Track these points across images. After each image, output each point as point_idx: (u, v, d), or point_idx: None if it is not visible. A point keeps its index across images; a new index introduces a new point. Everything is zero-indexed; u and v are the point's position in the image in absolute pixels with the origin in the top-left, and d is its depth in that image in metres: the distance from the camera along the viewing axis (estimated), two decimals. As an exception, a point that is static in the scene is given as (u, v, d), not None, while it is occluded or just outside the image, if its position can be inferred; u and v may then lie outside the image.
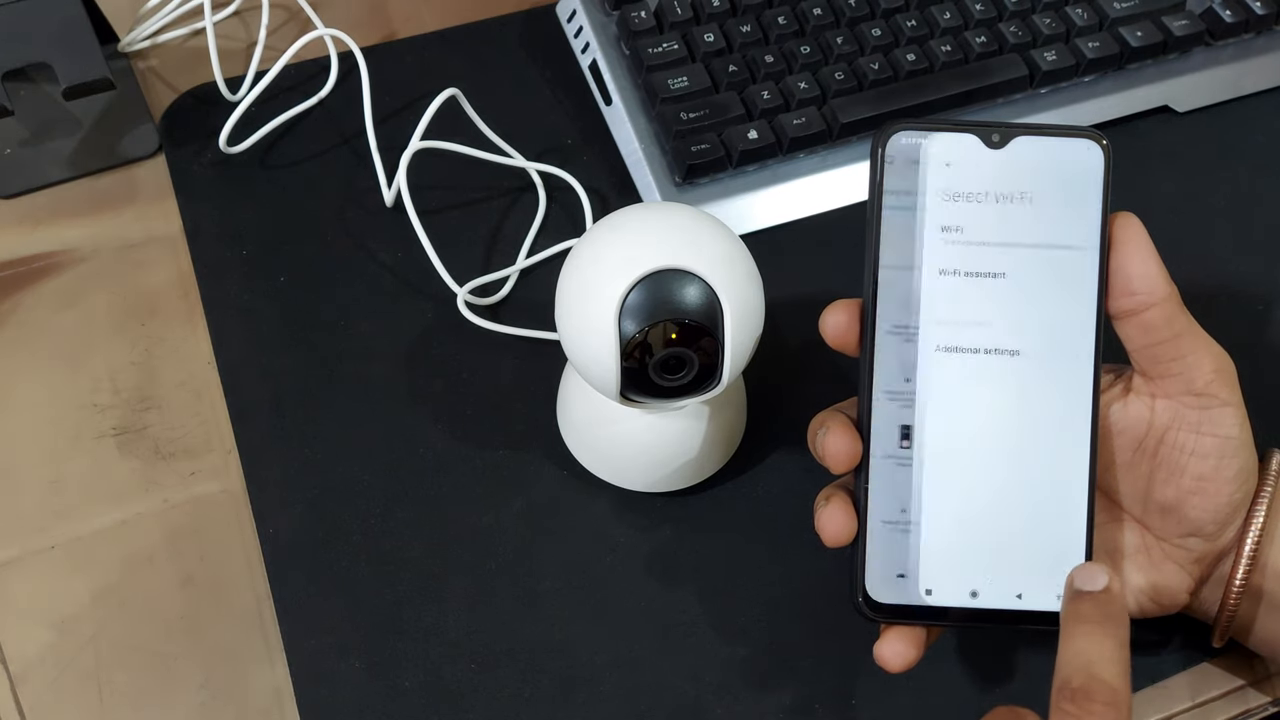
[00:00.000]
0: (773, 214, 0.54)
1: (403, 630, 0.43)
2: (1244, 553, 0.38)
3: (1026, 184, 0.37)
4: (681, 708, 0.42)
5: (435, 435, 0.47)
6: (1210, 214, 0.56)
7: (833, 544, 0.37)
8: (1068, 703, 0.31)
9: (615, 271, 0.39)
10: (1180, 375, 0.37)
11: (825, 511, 0.37)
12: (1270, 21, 0.60)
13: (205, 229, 0.53)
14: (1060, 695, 0.31)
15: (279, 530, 0.45)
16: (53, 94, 0.55)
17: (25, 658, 0.42)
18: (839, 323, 0.37)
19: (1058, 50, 0.57)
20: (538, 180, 0.55)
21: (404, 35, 0.61)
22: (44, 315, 0.50)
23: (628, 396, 0.40)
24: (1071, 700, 0.31)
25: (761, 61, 0.55)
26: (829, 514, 0.37)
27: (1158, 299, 0.37)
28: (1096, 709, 0.30)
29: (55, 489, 0.46)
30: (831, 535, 0.37)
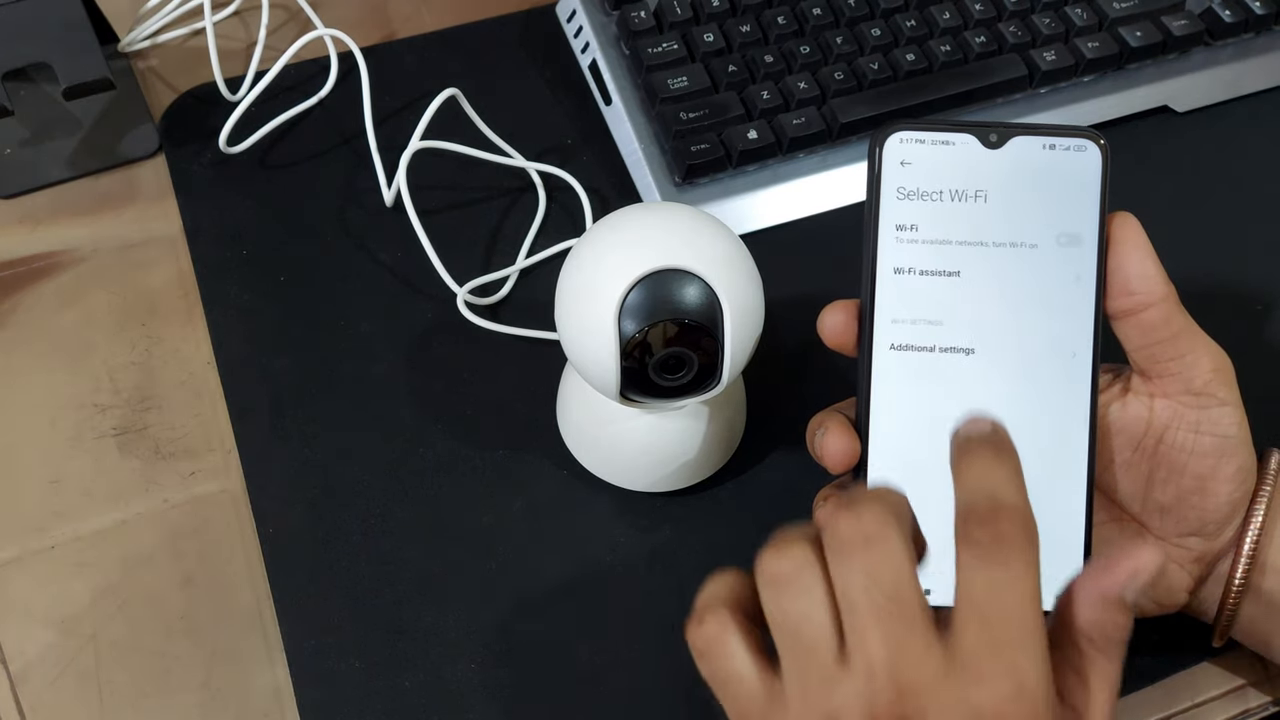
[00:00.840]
0: (773, 214, 0.54)
1: (403, 630, 0.43)
2: (1243, 552, 0.38)
3: (1024, 184, 0.37)
4: (681, 708, 0.42)
5: (435, 435, 0.47)
6: (1210, 214, 0.56)
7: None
8: (977, 528, 0.29)
9: (615, 271, 0.39)
10: (1179, 375, 0.37)
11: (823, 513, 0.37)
12: (1270, 21, 0.60)
13: (205, 229, 0.53)
14: (967, 523, 0.29)
15: (279, 530, 0.45)
16: (53, 94, 0.55)
17: (25, 658, 0.42)
18: (837, 323, 0.37)
19: (1057, 50, 0.57)
20: (538, 180, 0.55)
21: (404, 35, 0.61)
22: (44, 315, 0.50)
23: (628, 396, 0.40)
24: (981, 525, 0.29)
25: (761, 61, 0.55)
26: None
27: (1156, 299, 0.37)
28: (1005, 528, 0.29)
29: (55, 489, 0.46)
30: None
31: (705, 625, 0.32)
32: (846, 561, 0.30)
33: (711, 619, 0.32)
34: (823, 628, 0.30)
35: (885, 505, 0.30)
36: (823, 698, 0.30)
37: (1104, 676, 0.31)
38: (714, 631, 0.31)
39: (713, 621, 0.32)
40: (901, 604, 0.29)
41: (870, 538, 0.29)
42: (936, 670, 0.29)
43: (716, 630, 0.31)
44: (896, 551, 0.29)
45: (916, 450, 0.37)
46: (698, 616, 0.32)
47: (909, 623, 0.29)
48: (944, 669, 0.29)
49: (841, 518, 0.30)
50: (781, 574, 0.30)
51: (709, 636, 0.32)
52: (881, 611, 0.29)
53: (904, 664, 0.29)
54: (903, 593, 0.29)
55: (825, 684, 0.30)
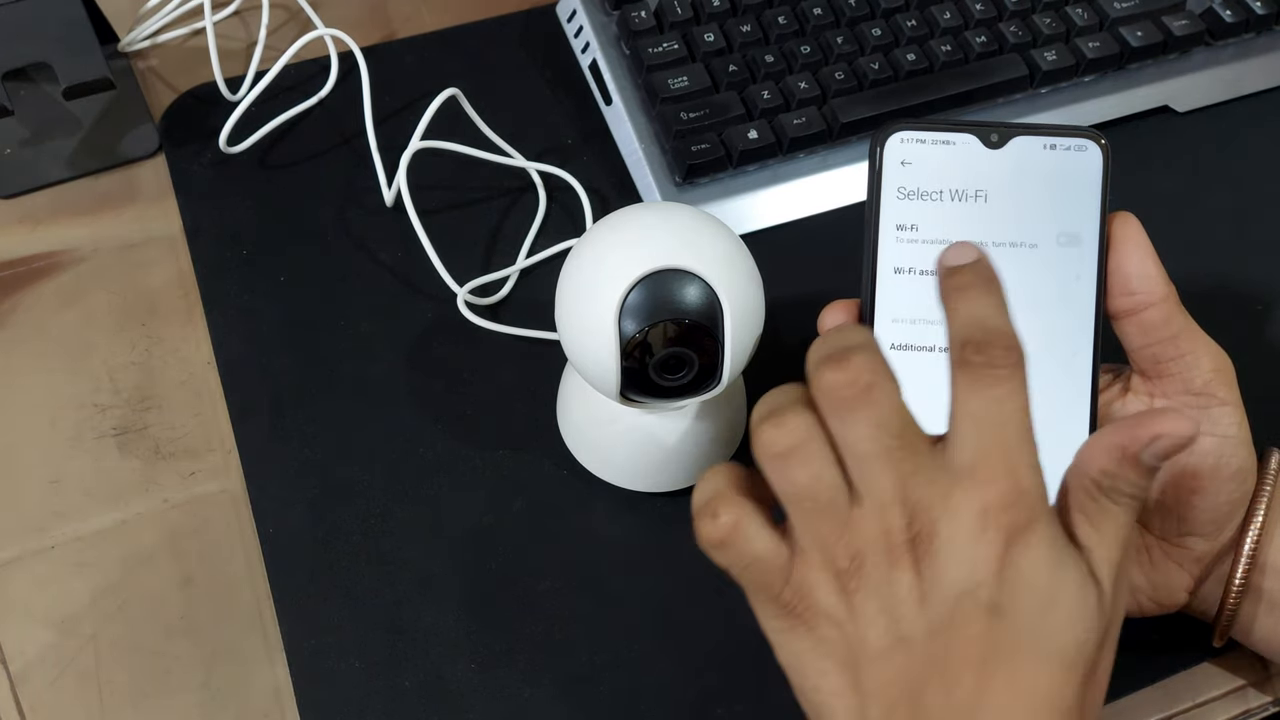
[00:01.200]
0: (773, 214, 0.54)
1: (403, 630, 0.43)
2: (1243, 552, 0.38)
3: (1025, 184, 0.37)
4: (681, 708, 0.42)
5: (435, 435, 0.47)
6: (1210, 214, 0.56)
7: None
8: (974, 354, 0.31)
9: (615, 271, 0.39)
10: (1179, 375, 0.37)
11: None
12: (1270, 21, 0.60)
13: (205, 229, 0.53)
14: (964, 350, 0.31)
15: (279, 530, 0.45)
16: (53, 94, 0.55)
17: (25, 658, 0.42)
18: (837, 323, 0.37)
19: (1058, 50, 0.57)
20: (538, 180, 0.55)
21: (404, 35, 0.61)
22: (44, 315, 0.50)
23: (628, 396, 0.40)
24: (977, 350, 0.31)
25: (761, 61, 0.55)
26: None
27: (1156, 299, 0.37)
28: (999, 354, 0.30)
29: (55, 489, 0.46)
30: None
31: (720, 517, 0.32)
32: (848, 416, 0.31)
33: (725, 509, 0.32)
34: (834, 484, 0.31)
35: (868, 349, 0.31)
36: (843, 546, 0.31)
37: (1113, 522, 0.32)
38: (729, 520, 0.32)
39: (726, 511, 0.32)
40: (906, 439, 0.30)
41: (866, 386, 0.30)
42: (943, 485, 0.30)
43: (731, 519, 0.32)
44: (892, 393, 0.31)
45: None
46: (709, 510, 0.32)
47: (915, 453, 0.30)
48: (949, 483, 0.30)
49: (831, 373, 0.31)
50: (786, 447, 0.31)
51: (725, 526, 0.32)
52: (890, 452, 0.30)
53: (914, 488, 0.30)
54: (907, 430, 0.31)
55: (842, 532, 0.31)
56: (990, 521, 0.30)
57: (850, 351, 0.31)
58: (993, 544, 0.30)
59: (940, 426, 0.37)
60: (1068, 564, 0.30)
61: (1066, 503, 0.32)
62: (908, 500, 0.30)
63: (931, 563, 0.30)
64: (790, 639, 0.32)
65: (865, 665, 0.31)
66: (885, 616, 0.30)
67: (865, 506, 0.31)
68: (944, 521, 0.30)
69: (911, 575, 0.30)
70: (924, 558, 0.30)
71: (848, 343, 0.31)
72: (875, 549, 0.30)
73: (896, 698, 0.30)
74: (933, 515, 0.30)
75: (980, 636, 0.30)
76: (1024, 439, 0.30)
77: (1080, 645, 0.30)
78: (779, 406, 0.32)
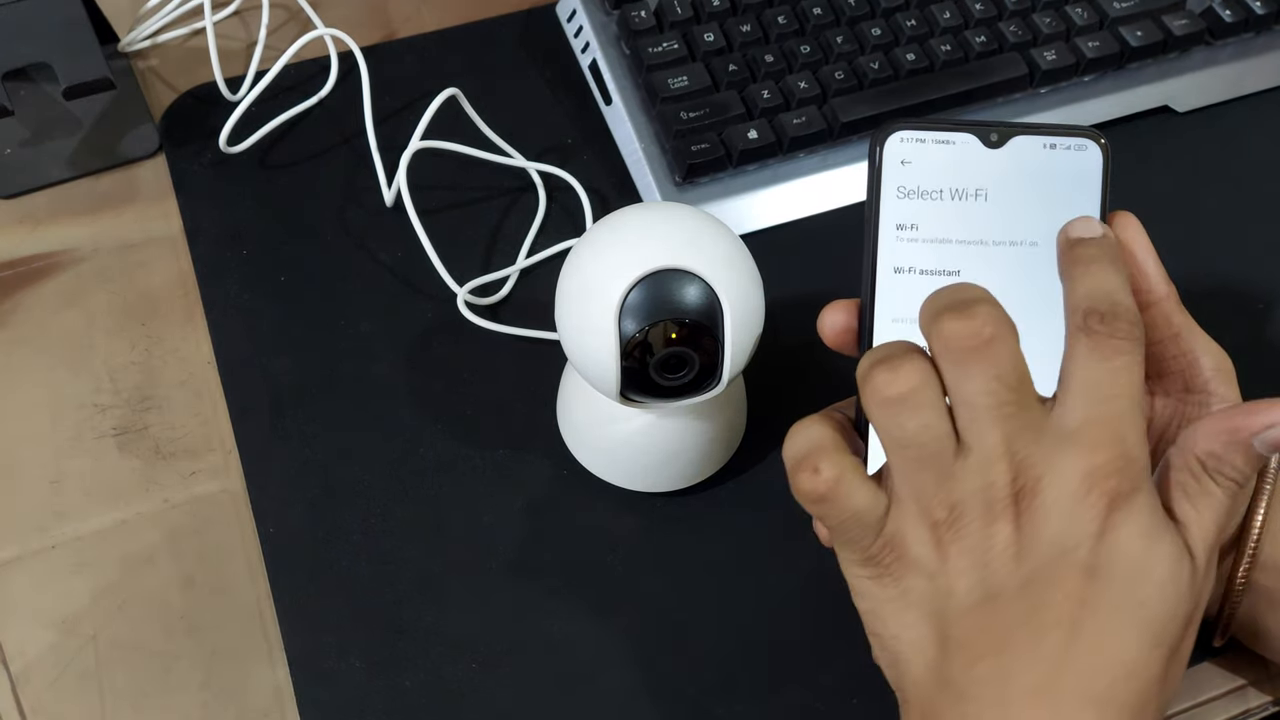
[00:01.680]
0: (773, 214, 0.54)
1: (403, 630, 0.43)
2: (1244, 550, 0.38)
3: (1025, 183, 0.37)
4: (681, 708, 0.42)
5: (435, 435, 0.47)
6: (1210, 214, 0.56)
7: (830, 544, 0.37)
8: (1098, 323, 0.31)
9: (615, 271, 0.39)
10: (1179, 373, 0.37)
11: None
12: (1270, 21, 0.60)
13: (205, 229, 0.53)
14: (1088, 318, 0.31)
15: (279, 530, 0.45)
16: (53, 94, 0.55)
17: (25, 658, 0.42)
18: (837, 323, 0.37)
19: (1058, 49, 0.57)
20: (538, 180, 0.55)
21: (404, 35, 0.61)
22: (44, 315, 0.50)
23: (628, 396, 0.40)
24: (1101, 321, 0.31)
25: (761, 61, 0.55)
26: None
27: (1156, 298, 0.37)
28: (1123, 327, 0.31)
29: (55, 489, 0.46)
30: (829, 536, 0.37)
31: (821, 472, 0.32)
32: (966, 367, 0.31)
33: (826, 463, 0.32)
34: (943, 433, 0.31)
35: (991, 301, 0.31)
36: (942, 496, 0.31)
37: (1212, 502, 0.32)
38: (832, 474, 0.32)
39: (828, 466, 0.32)
40: (1022, 396, 0.31)
41: (988, 338, 0.31)
42: (1051, 444, 0.31)
43: (834, 473, 0.32)
44: (1013, 347, 0.31)
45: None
46: (809, 464, 0.32)
47: (1028, 409, 0.31)
48: (1057, 444, 0.31)
49: (954, 321, 0.31)
50: (899, 393, 0.31)
51: (828, 480, 0.32)
52: (1004, 407, 0.30)
53: (1021, 445, 0.31)
54: (1023, 386, 0.31)
55: (944, 482, 0.31)
56: (1095, 485, 0.30)
57: (974, 302, 0.31)
58: (1094, 507, 0.30)
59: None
60: (1165, 537, 0.31)
61: (1168, 480, 0.33)
62: (1014, 456, 0.30)
63: (1031, 519, 0.30)
64: (874, 587, 0.33)
65: (952, 617, 0.31)
66: (978, 570, 0.31)
67: (970, 459, 0.31)
68: (1048, 480, 0.30)
69: (1010, 529, 0.30)
70: (1024, 514, 0.30)
71: (969, 295, 0.31)
72: (975, 502, 0.31)
73: (981, 651, 0.31)
74: (1037, 473, 0.30)
75: (1073, 596, 0.30)
76: (1135, 410, 0.31)
77: (1170, 618, 0.31)
78: (893, 353, 0.32)
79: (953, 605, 0.31)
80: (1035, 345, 0.37)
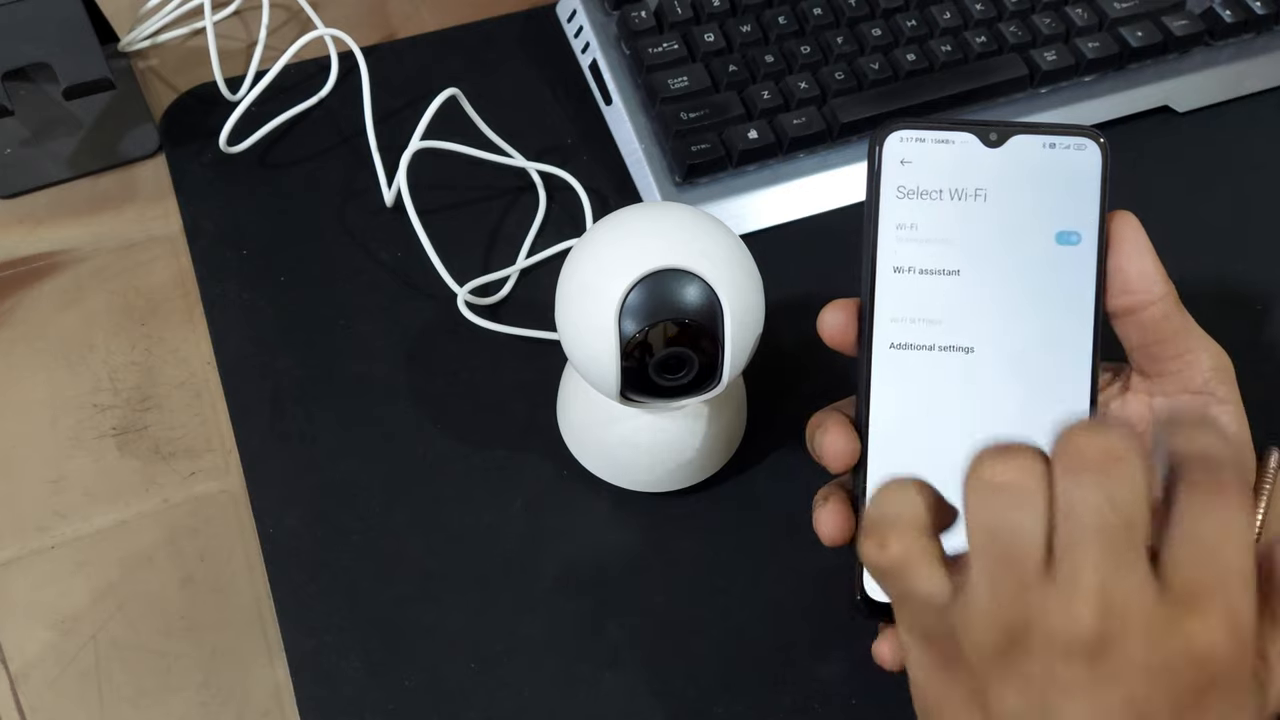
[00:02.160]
0: (773, 214, 0.54)
1: (403, 630, 0.43)
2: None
3: (1024, 183, 0.37)
4: (681, 708, 0.42)
5: (435, 435, 0.47)
6: (1210, 214, 0.56)
7: (831, 543, 0.37)
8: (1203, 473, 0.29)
9: (615, 271, 0.39)
10: (1178, 373, 0.37)
11: (824, 511, 0.37)
12: (1270, 21, 0.60)
13: (205, 229, 0.53)
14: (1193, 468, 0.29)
15: (279, 530, 0.45)
16: (53, 94, 0.55)
17: (25, 657, 0.42)
18: (837, 323, 0.37)
19: (1058, 50, 0.57)
20: (538, 180, 0.55)
21: (404, 35, 0.61)
22: (44, 315, 0.50)
23: (628, 396, 0.40)
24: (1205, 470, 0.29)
25: (761, 61, 0.55)
26: (827, 514, 0.37)
27: (1155, 298, 0.37)
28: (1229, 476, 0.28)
29: (55, 489, 0.46)
30: (830, 535, 0.37)
31: (889, 549, 0.30)
32: (1083, 478, 0.28)
33: (897, 542, 0.30)
34: (1034, 539, 0.29)
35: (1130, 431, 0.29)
36: (1016, 606, 0.29)
37: None
38: (900, 554, 0.30)
39: (898, 545, 0.30)
40: (1132, 530, 0.28)
41: (1116, 457, 0.28)
42: (1149, 597, 0.28)
43: (903, 554, 0.30)
44: (1139, 476, 0.28)
45: (917, 449, 0.37)
46: (879, 538, 0.31)
47: (1133, 548, 0.28)
48: (1157, 597, 0.28)
49: (1084, 434, 0.29)
50: (1004, 480, 0.29)
51: (896, 559, 0.30)
52: (1109, 533, 0.28)
53: (1115, 584, 0.28)
54: (1136, 519, 0.28)
55: (1021, 592, 0.29)
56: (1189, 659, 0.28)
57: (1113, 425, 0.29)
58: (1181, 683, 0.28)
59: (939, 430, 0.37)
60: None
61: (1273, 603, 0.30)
62: (1106, 597, 0.28)
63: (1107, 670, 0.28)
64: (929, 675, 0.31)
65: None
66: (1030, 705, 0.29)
67: (1059, 583, 0.28)
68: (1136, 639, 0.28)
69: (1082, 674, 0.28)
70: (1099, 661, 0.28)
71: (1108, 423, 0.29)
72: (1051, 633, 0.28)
73: None
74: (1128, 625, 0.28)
75: None
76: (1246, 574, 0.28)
77: None
78: (1011, 446, 0.29)
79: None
80: (1034, 346, 0.37)
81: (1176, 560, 0.28)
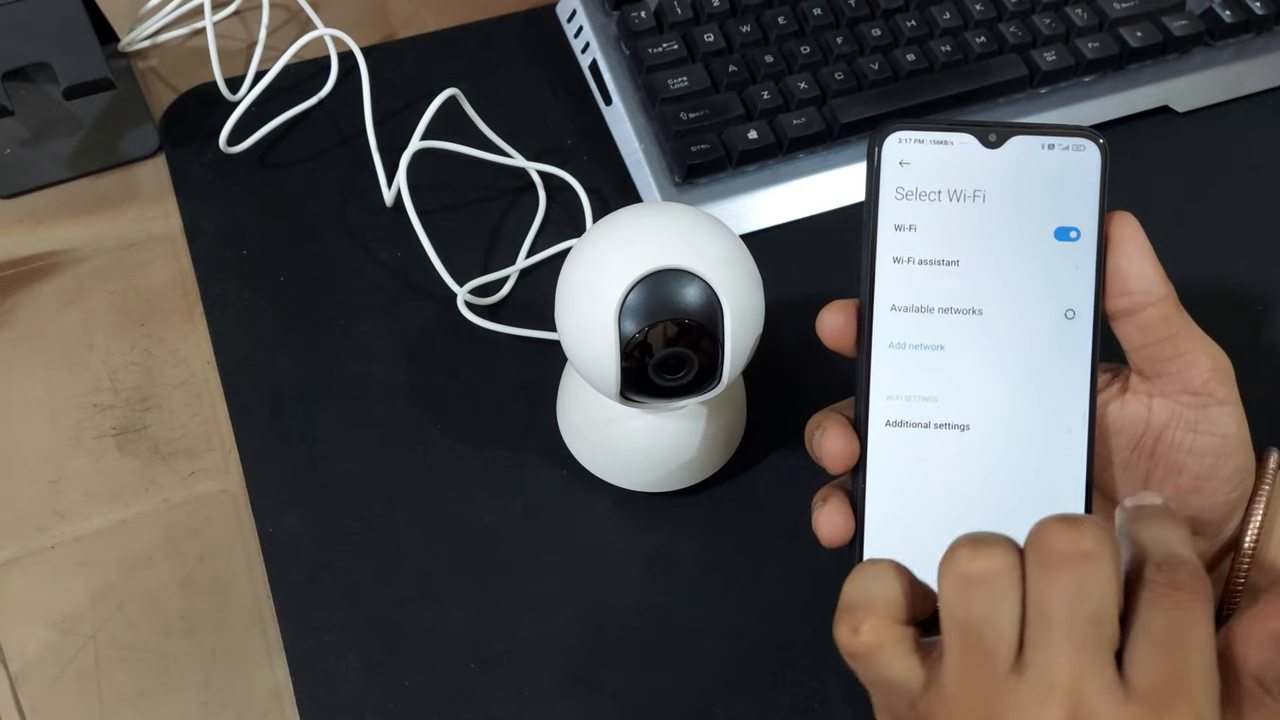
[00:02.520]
0: (773, 214, 0.54)
1: (403, 630, 0.43)
2: (1243, 550, 0.38)
3: (1023, 184, 0.37)
4: (681, 708, 0.42)
5: (435, 435, 0.47)
6: (1210, 214, 0.56)
7: (830, 544, 0.37)
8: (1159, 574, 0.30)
9: (615, 271, 0.39)
10: (1177, 374, 0.37)
11: (823, 511, 0.37)
12: (1270, 21, 0.60)
13: (205, 229, 0.53)
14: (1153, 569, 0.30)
15: (279, 530, 0.45)
16: (53, 94, 0.55)
17: (25, 658, 0.42)
18: (836, 324, 0.37)
19: (1058, 50, 0.57)
20: (538, 180, 0.55)
21: (404, 35, 0.61)
22: (44, 315, 0.50)
23: (628, 396, 0.40)
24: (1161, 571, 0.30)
25: (761, 62, 0.55)
26: (827, 514, 0.37)
27: (1154, 299, 0.37)
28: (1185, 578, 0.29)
29: (55, 489, 0.46)
30: (829, 535, 0.37)
31: (861, 635, 0.31)
32: (1054, 574, 0.29)
33: (868, 629, 0.31)
34: (1006, 633, 0.29)
35: (1103, 526, 0.30)
36: (986, 700, 0.29)
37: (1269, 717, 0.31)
38: (871, 640, 0.31)
39: (869, 631, 0.31)
40: (1100, 628, 0.29)
41: (1088, 554, 0.29)
42: (1117, 697, 0.28)
43: (873, 639, 0.31)
44: (1109, 574, 0.29)
45: (916, 449, 0.37)
46: (851, 623, 0.31)
47: (1101, 648, 0.29)
48: (1124, 696, 0.29)
49: (1057, 529, 0.29)
50: (977, 573, 0.30)
51: (866, 644, 0.31)
52: (1078, 630, 0.29)
53: (1084, 683, 0.28)
54: (1105, 617, 0.29)
55: (992, 688, 0.29)
56: None
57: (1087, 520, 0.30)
58: None
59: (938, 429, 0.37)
60: None
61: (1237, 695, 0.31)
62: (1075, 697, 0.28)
63: None
64: None
65: None
66: None
67: (1028, 676, 0.29)
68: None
69: None
70: None
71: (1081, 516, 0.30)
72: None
73: None
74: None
75: None
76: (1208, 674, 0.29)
77: None
78: (986, 536, 0.30)
79: None
80: (1033, 347, 0.37)
81: (1139, 659, 0.29)
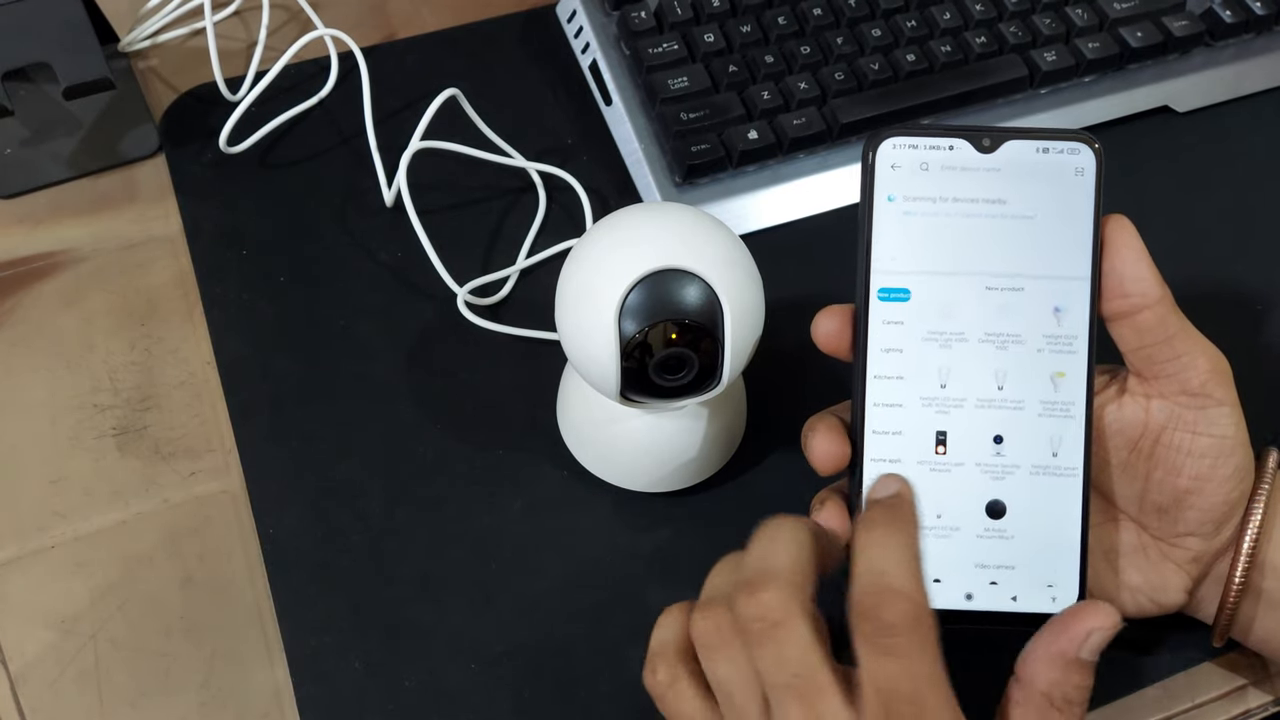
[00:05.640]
0: (773, 214, 0.54)
1: (403, 630, 0.43)
2: (1242, 551, 0.38)
3: (1017, 188, 0.37)
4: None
5: (435, 435, 0.47)
6: (1209, 214, 0.56)
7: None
8: (864, 621, 0.31)
9: (615, 272, 0.39)
10: (1175, 376, 0.37)
11: (820, 515, 0.37)
12: (1270, 22, 0.60)
13: (205, 229, 0.53)
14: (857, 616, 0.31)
15: (279, 530, 0.45)
16: (53, 94, 0.55)
17: (25, 658, 0.42)
18: (831, 329, 0.38)
19: (1058, 51, 0.57)
20: (538, 180, 0.55)
21: (404, 35, 0.61)
22: (44, 315, 0.50)
23: (628, 396, 0.40)
24: (866, 618, 0.31)
25: (761, 62, 0.55)
26: (824, 518, 0.37)
27: (1151, 301, 0.37)
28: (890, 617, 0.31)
29: (55, 489, 0.46)
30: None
31: (658, 674, 0.35)
32: (754, 647, 0.32)
33: (663, 667, 0.35)
34: (748, 694, 0.32)
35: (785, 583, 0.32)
36: None
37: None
38: (666, 679, 0.35)
39: (664, 670, 0.35)
40: (811, 680, 0.31)
41: (773, 623, 0.31)
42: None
43: (668, 678, 0.35)
44: (798, 633, 0.31)
45: (912, 453, 0.37)
46: (651, 664, 0.35)
47: (822, 696, 0.31)
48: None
49: (744, 602, 0.32)
50: (708, 639, 0.33)
51: (662, 683, 0.35)
52: (794, 688, 0.31)
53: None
54: (810, 670, 0.31)
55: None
56: None
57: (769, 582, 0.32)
58: None
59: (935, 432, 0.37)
60: None
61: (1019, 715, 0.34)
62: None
63: None
64: None
65: None
66: None
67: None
68: None
69: None
70: None
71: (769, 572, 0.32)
72: None
73: None
74: None
75: None
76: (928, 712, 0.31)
77: None
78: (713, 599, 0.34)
79: None
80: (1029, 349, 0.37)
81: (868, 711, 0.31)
